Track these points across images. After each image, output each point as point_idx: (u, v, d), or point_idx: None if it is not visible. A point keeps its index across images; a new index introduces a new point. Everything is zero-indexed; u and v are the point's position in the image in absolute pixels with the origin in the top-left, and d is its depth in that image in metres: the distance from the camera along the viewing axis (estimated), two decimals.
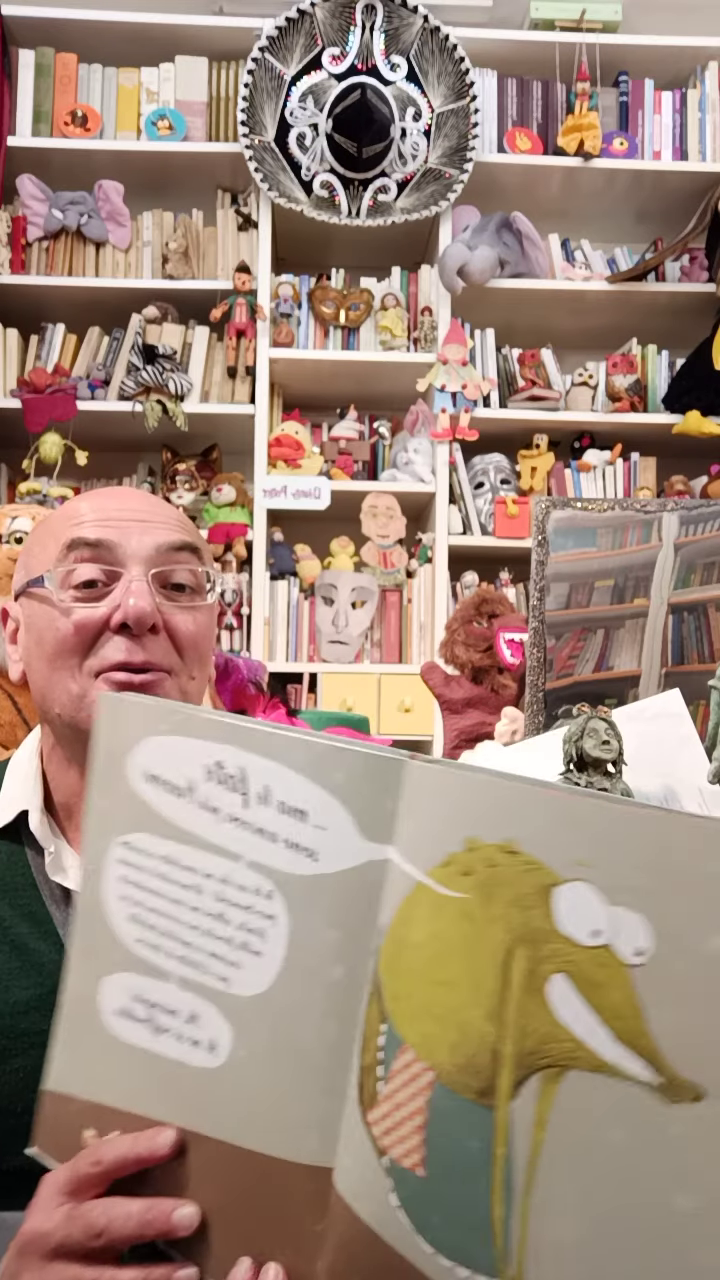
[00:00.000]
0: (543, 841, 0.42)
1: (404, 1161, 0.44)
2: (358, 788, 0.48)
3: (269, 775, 0.50)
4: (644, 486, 2.97)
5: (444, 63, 2.81)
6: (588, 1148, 0.41)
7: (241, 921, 0.50)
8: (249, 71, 2.77)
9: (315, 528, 2.91)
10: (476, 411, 2.86)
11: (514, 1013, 0.43)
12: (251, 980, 0.50)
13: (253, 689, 1.54)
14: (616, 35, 2.91)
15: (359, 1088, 0.46)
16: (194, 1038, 0.51)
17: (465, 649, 1.63)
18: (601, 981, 0.41)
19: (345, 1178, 0.46)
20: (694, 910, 0.40)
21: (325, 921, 0.48)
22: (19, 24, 2.85)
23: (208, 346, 2.89)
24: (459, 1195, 0.43)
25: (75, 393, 2.78)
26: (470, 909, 0.44)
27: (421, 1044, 0.44)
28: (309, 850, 0.49)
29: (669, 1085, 0.40)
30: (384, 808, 0.47)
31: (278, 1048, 0.49)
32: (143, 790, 0.53)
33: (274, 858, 0.49)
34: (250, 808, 0.50)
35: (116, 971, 0.53)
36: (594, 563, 1.18)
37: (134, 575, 0.75)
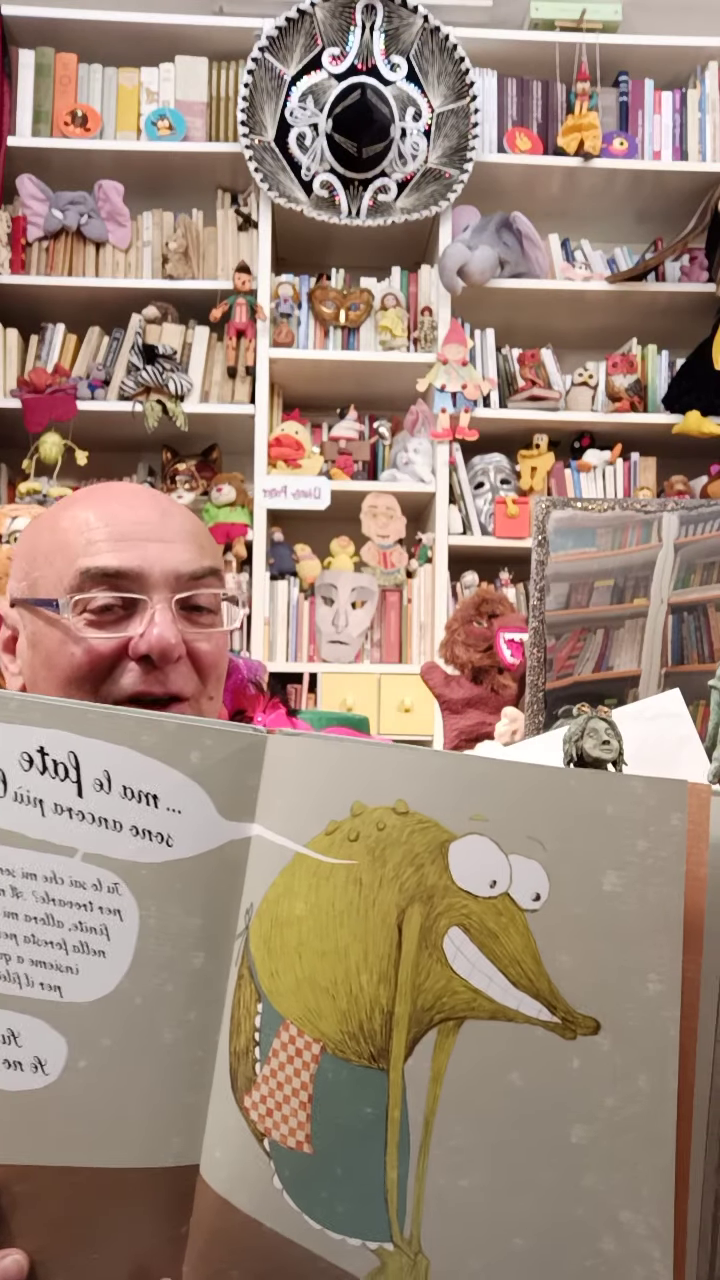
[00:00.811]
0: (435, 800, 0.43)
1: (288, 1141, 0.43)
2: (216, 767, 0.47)
3: (108, 759, 0.47)
4: (644, 486, 2.97)
5: (444, 63, 2.81)
6: (487, 1094, 0.42)
7: (78, 921, 0.47)
8: (249, 71, 2.77)
9: (315, 528, 2.91)
10: (476, 411, 2.86)
11: (408, 972, 0.43)
12: (92, 984, 0.46)
13: (253, 689, 1.54)
14: (616, 35, 2.91)
15: (231, 1074, 0.45)
16: (11, 1059, 0.47)
17: (465, 649, 1.63)
18: (499, 930, 0.42)
19: (217, 1171, 0.45)
20: (588, 852, 0.41)
21: (183, 909, 0.47)
22: (19, 24, 2.85)
23: (208, 346, 2.89)
24: (350, 1165, 0.43)
25: (75, 393, 2.78)
26: (359, 874, 0.43)
27: (305, 1017, 0.44)
28: (162, 835, 0.47)
29: (567, 1021, 0.41)
30: (245, 785, 0.46)
31: (129, 1051, 0.46)
32: None
33: (118, 848, 0.47)
34: (85, 797, 0.47)
35: None
36: (594, 563, 1.18)
37: (157, 605, 0.72)
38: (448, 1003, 0.43)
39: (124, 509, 0.75)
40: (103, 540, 0.72)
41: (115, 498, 0.77)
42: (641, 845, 0.41)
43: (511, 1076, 0.42)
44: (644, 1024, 0.41)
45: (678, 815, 0.41)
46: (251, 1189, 0.44)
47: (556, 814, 0.42)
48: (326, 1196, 0.43)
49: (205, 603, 0.75)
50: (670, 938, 0.41)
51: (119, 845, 0.47)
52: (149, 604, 0.72)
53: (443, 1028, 0.43)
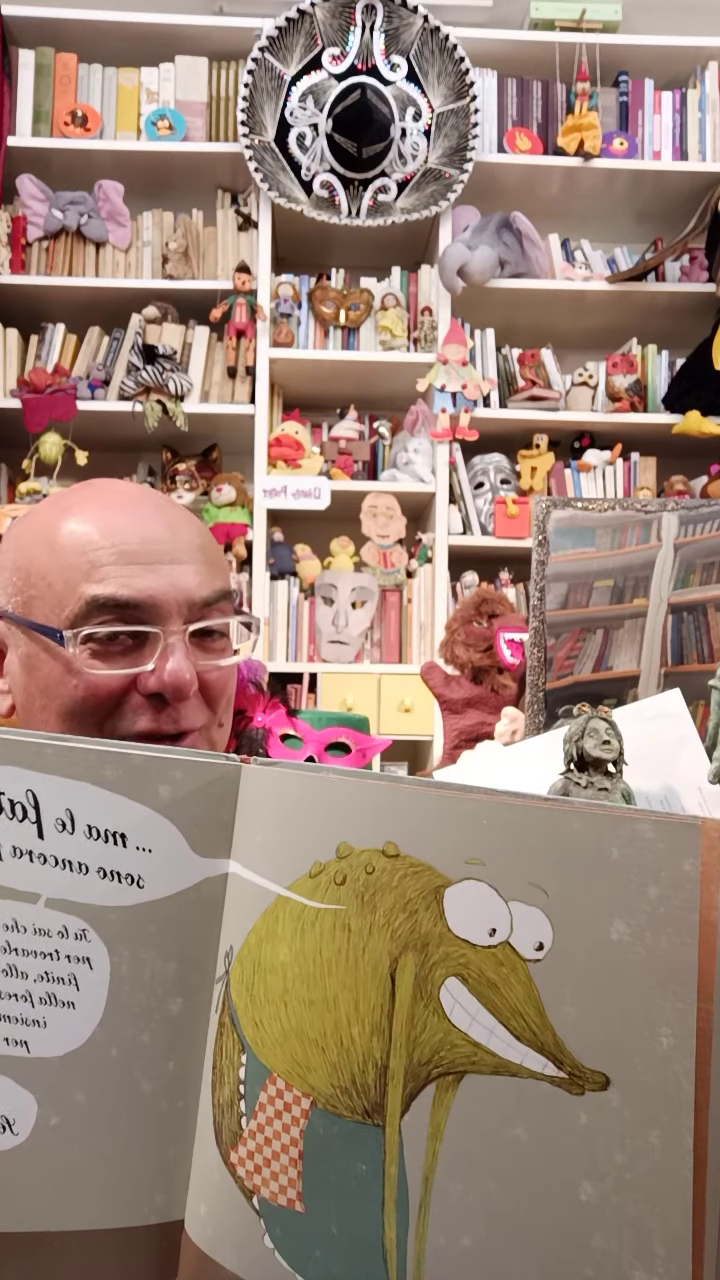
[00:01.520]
0: (427, 842, 0.41)
1: (278, 1199, 0.41)
2: (187, 801, 0.44)
3: (70, 797, 0.44)
4: (644, 486, 2.97)
5: (444, 63, 2.81)
6: (489, 1150, 0.40)
7: (44, 971, 0.44)
8: (249, 71, 2.77)
9: (315, 528, 2.91)
10: (476, 411, 2.86)
11: (403, 1024, 0.41)
12: (62, 1037, 0.44)
13: (252, 689, 1.54)
14: (616, 35, 2.92)
15: (216, 1128, 0.43)
16: None
17: (465, 649, 1.63)
18: (499, 980, 0.40)
19: (201, 1227, 0.43)
20: (594, 899, 0.39)
21: (158, 953, 0.44)
22: (19, 24, 2.85)
23: (208, 346, 2.89)
24: (345, 1224, 0.41)
25: (75, 393, 2.78)
26: (347, 919, 0.41)
27: (293, 1071, 0.42)
28: (132, 876, 0.44)
29: (575, 1076, 0.39)
30: (219, 819, 0.44)
31: (105, 1105, 0.44)
32: None
33: (85, 891, 0.44)
34: (47, 838, 0.44)
35: None
36: (594, 563, 1.19)
37: (170, 638, 0.66)
38: (446, 1056, 0.41)
39: (129, 523, 0.68)
40: (110, 565, 0.66)
41: (117, 507, 0.69)
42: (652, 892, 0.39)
43: (516, 1132, 0.40)
44: (655, 1079, 0.39)
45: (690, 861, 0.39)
46: (240, 1247, 0.42)
47: (559, 858, 0.40)
48: (321, 1256, 0.41)
49: (217, 627, 0.70)
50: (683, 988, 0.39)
51: (86, 889, 0.44)
52: (160, 637, 0.66)
53: (441, 1082, 0.41)
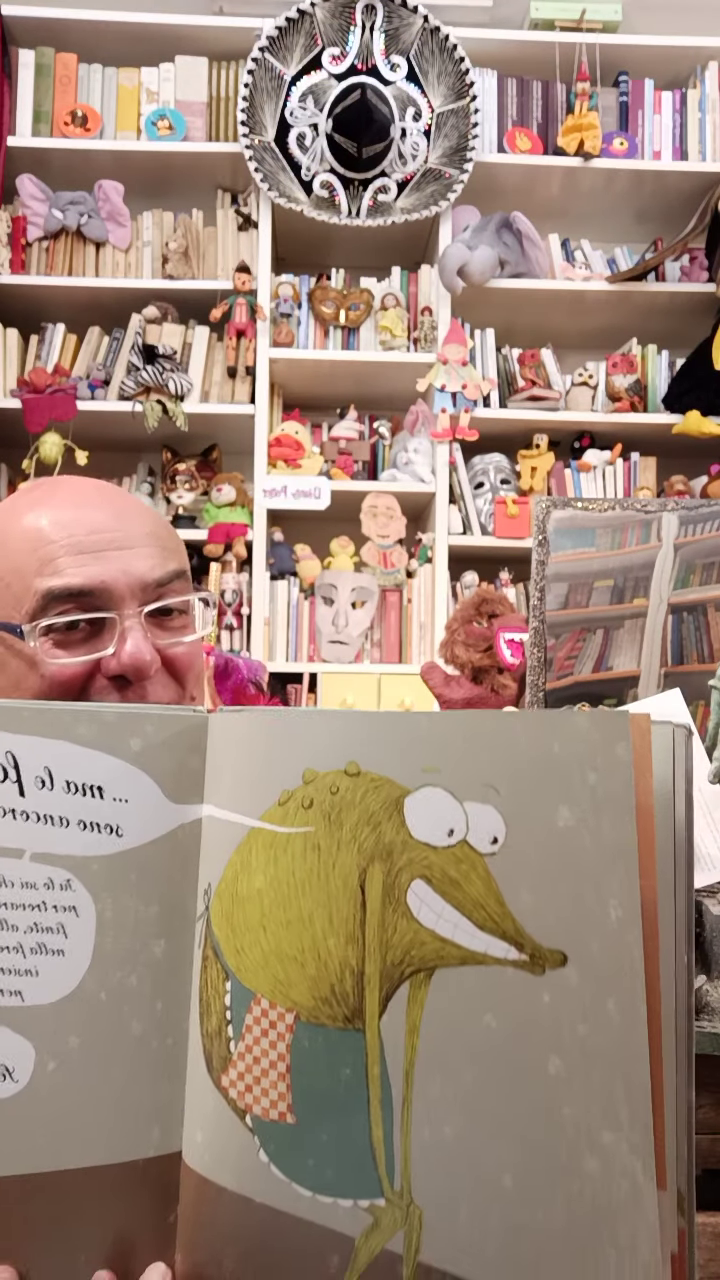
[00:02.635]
0: (386, 757, 0.43)
1: (269, 1114, 0.44)
2: (159, 752, 0.47)
3: (48, 755, 0.46)
4: (644, 486, 2.97)
5: (444, 63, 2.81)
6: (463, 1040, 0.42)
7: (33, 923, 0.46)
8: (249, 71, 2.77)
9: (315, 528, 2.91)
10: (476, 411, 2.86)
11: (374, 930, 0.43)
12: (54, 984, 0.46)
13: (253, 689, 1.54)
14: (616, 35, 2.91)
15: (206, 1056, 0.45)
16: None
17: (465, 649, 1.63)
18: (460, 877, 0.43)
19: (200, 1154, 0.45)
20: (540, 791, 0.42)
21: (139, 899, 0.46)
22: (19, 24, 2.85)
23: (208, 346, 2.89)
24: (335, 1129, 0.43)
25: (75, 393, 2.78)
26: (316, 839, 0.44)
27: (275, 989, 0.44)
28: (111, 826, 0.46)
29: (535, 958, 0.42)
30: (190, 767, 0.47)
31: (98, 1048, 0.46)
32: None
33: (66, 844, 0.46)
34: (28, 795, 0.46)
35: None
36: (594, 563, 1.19)
37: (127, 620, 0.68)
38: (417, 954, 0.43)
39: (77, 514, 0.70)
40: (61, 557, 0.68)
41: (66, 502, 0.71)
42: (591, 778, 0.42)
43: (486, 1019, 0.42)
44: (608, 951, 0.42)
45: (622, 745, 0.42)
46: (237, 1166, 0.44)
47: (506, 757, 0.43)
48: (314, 1164, 0.43)
49: (175, 605, 0.72)
50: (626, 864, 0.42)
51: (67, 841, 0.46)
52: (117, 621, 0.68)
53: (414, 980, 0.43)
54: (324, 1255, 0.43)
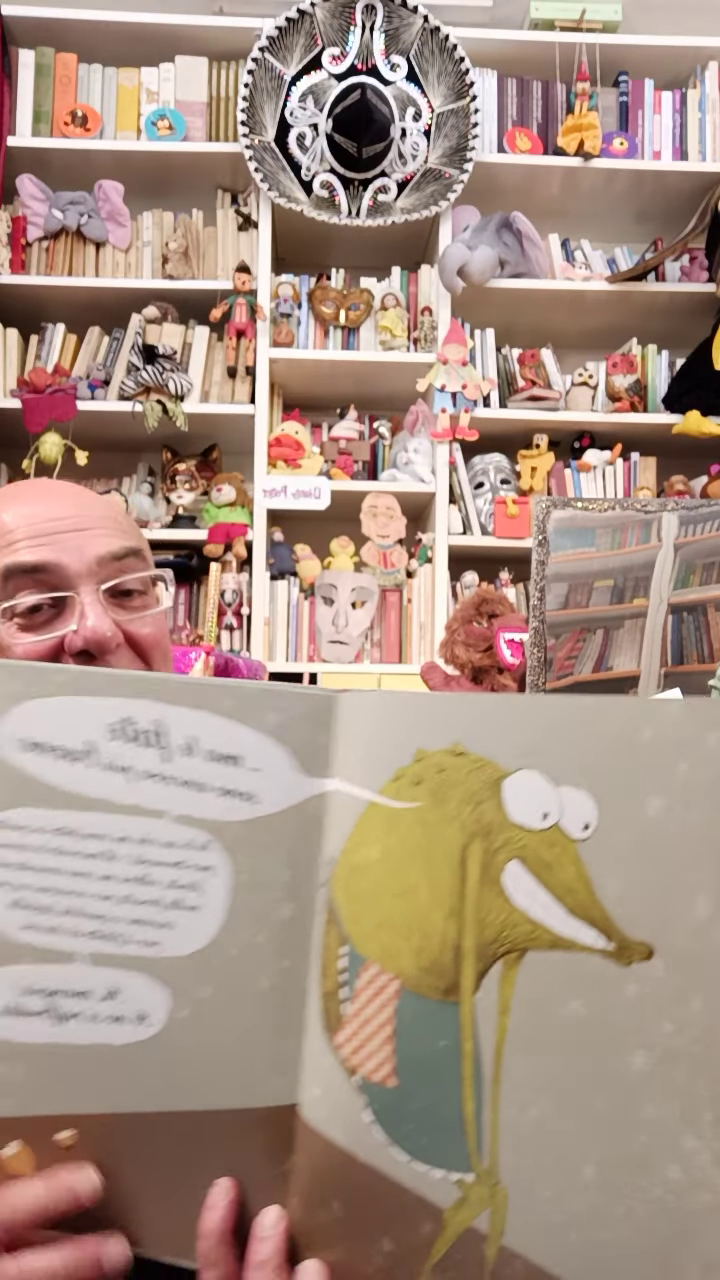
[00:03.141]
0: (488, 739, 0.45)
1: (375, 1076, 0.45)
2: (292, 726, 0.49)
3: (194, 725, 0.49)
4: (644, 486, 2.97)
5: (444, 63, 2.81)
6: (550, 1024, 0.43)
7: (171, 879, 0.49)
8: (249, 71, 2.77)
9: (315, 528, 2.91)
10: (476, 411, 2.86)
11: (472, 906, 0.45)
12: (189, 937, 0.48)
13: None
14: (616, 35, 2.92)
15: (323, 1014, 0.47)
16: (115, 1014, 0.48)
17: (465, 649, 1.63)
18: (552, 861, 0.44)
19: (315, 1108, 0.47)
20: (631, 778, 0.43)
21: (270, 862, 0.48)
22: (19, 24, 2.85)
23: (208, 346, 2.89)
24: (431, 1098, 0.44)
25: (75, 393, 2.78)
26: (424, 815, 0.45)
27: (384, 956, 0.45)
28: (246, 794, 0.49)
29: (621, 948, 0.42)
30: (319, 742, 0.48)
31: (228, 999, 0.48)
32: (20, 761, 0.49)
33: (206, 808, 0.49)
34: (173, 761, 0.49)
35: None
36: (594, 563, 1.19)
37: (85, 597, 0.71)
38: (509, 935, 0.44)
39: (38, 508, 0.73)
40: (21, 541, 0.71)
41: (28, 497, 0.75)
42: (682, 768, 0.42)
43: (573, 1006, 0.43)
44: (695, 946, 0.42)
45: (714, 735, 0.42)
46: (345, 1124, 0.46)
47: (600, 743, 0.43)
48: (413, 1129, 0.45)
49: (134, 585, 0.74)
50: (715, 857, 0.42)
51: (206, 805, 0.49)
52: (77, 598, 0.71)
53: (507, 959, 0.44)
54: (417, 1223, 0.45)
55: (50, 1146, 0.49)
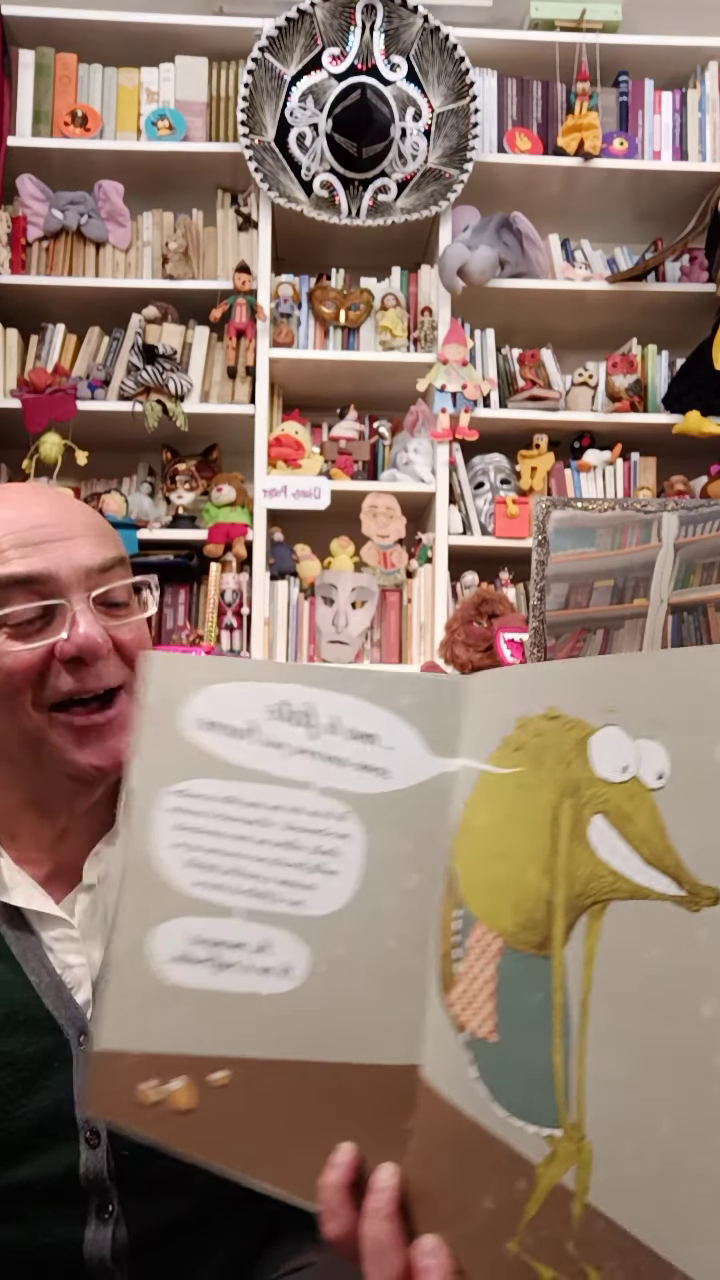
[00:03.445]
0: (578, 700, 0.48)
1: (480, 1031, 0.48)
2: (423, 708, 0.53)
3: (338, 706, 0.54)
4: (644, 486, 2.96)
5: (444, 63, 2.81)
6: (629, 974, 0.44)
7: (315, 845, 0.53)
8: (249, 71, 2.77)
9: (315, 528, 2.91)
10: (476, 411, 2.86)
11: (563, 861, 0.47)
12: (327, 899, 0.53)
13: None
14: (616, 35, 2.91)
15: (439, 975, 0.50)
16: (264, 966, 0.53)
17: (465, 649, 1.63)
18: (631, 812, 0.45)
19: (431, 1065, 0.50)
20: (700, 724, 0.44)
21: (399, 834, 0.52)
22: (19, 24, 2.85)
23: (208, 346, 2.89)
24: (525, 1052, 0.46)
25: (75, 393, 2.78)
26: (524, 779, 0.48)
27: (488, 914, 0.49)
28: (380, 770, 0.53)
29: (692, 893, 0.43)
30: (448, 725, 0.53)
31: (359, 959, 0.52)
32: (198, 738, 0.56)
33: (346, 781, 0.54)
34: (319, 738, 0.54)
35: (171, 919, 0.55)
36: (594, 563, 1.19)
37: (76, 606, 0.72)
38: (594, 887, 0.46)
39: (19, 513, 0.74)
40: (9, 549, 0.72)
41: (13, 504, 0.75)
42: None
43: (651, 954, 0.44)
44: None
45: None
46: (454, 1080, 0.48)
47: (673, 694, 0.45)
48: (510, 1084, 0.47)
49: (119, 596, 0.76)
50: None
51: (347, 779, 0.54)
52: (67, 607, 0.72)
53: (592, 911, 0.46)
54: (513, 1179, 0.46)
55: (206, 1085, 0.53)
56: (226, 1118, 0.53)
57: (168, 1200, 0.75)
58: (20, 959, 0.74)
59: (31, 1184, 0.72)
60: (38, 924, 0.75)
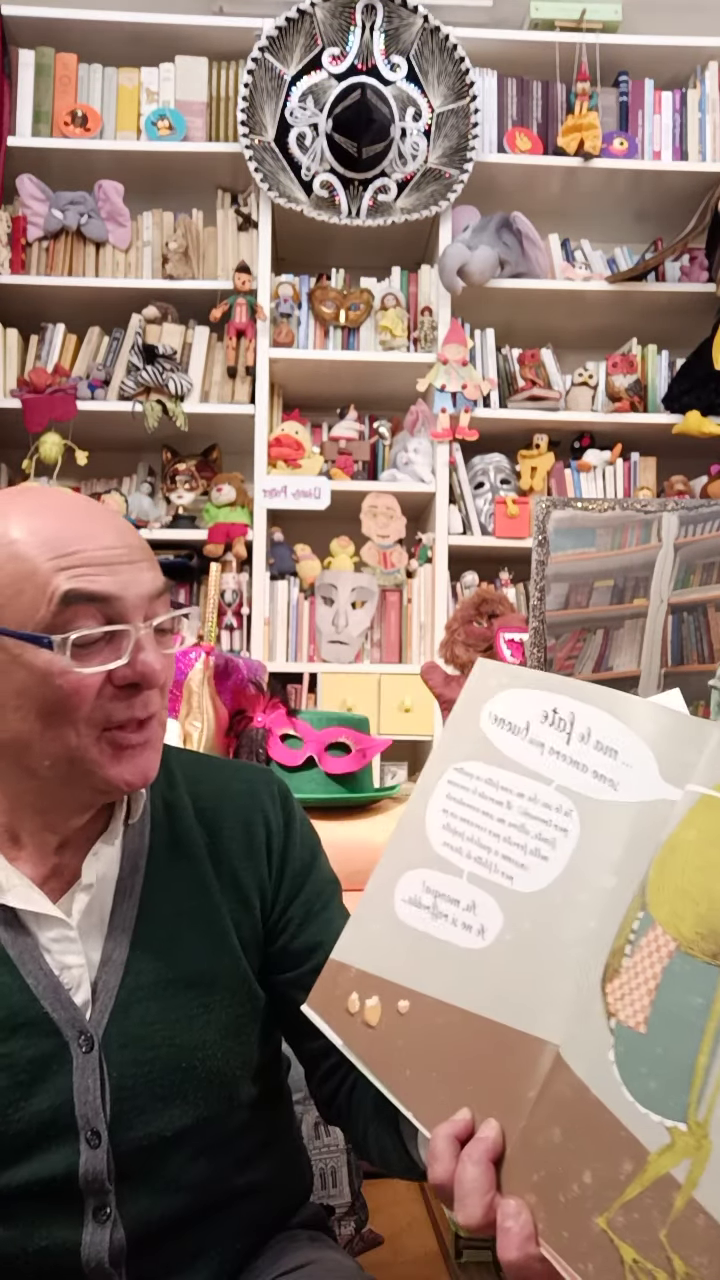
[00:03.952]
0: None
1: (629, 1021, 0.52)
2: (665, 737, 0.59)
3: (593, 719, 0.61)
4: (644, 486, 2.96)
5: (444, 63, 2.81)
6: None
7: (538, 832, 0.61)
8: (249, 71, 2.77)
9: (315, 528, 2.91)
10: (476, 411, 2.86)
11: None
12: (534, 879, 0.60)
13: (253, 689, 1.54)
14: (616, 35, 2.91)
15: (606, 967, 0.55)
16: (467, 922, 0.61)
17: (465, 649, 1.63)
18: None
19: (572, 1044, 0.54)
20: None
21: (610, 839, 0.58)
22: (19, 24, 2.85)
23: (208, 346, 2.89)
24: (671, 1047, 0.51)
25: (75, 393, 2.78)
26: None
27: (669, 920, 0.54)
28: (612, 781, 0.60)
29: None
30: (686, 759, 0.57)
31: (540, 936, 0.58)
32: (487, 729, 0.65)
33: (580, 784, 0.60)
34: (571, 744, 0.62)
35: (418, 868, 0.64)
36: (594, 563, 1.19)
37: (140, 632, 0.71)
38: None
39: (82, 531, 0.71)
40: (82, 567, 0.69)
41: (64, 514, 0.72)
42: None
43: None
44: None
45: None
46: (590, 1060, 0.53)
47: None
48: (645, 1073, 0.51)
49: (167, 625, 0.75)
50: None
51: (582, 782, 0.61)
52: (131, 632, 0.70)
53: None
54: (620, 1160, 0.50)
55: (393, 1010, 0.62)
56: (398, 1041, 0.61)
57: (165, 1200, 0.75)
58: (17, 961, 0.73)
59: (29, 1186, 0.71)
60: (34, 925, 0.75)
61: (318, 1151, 1.10)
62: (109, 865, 0.77)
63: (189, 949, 0.77)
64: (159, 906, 0.78)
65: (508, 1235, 0.52)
